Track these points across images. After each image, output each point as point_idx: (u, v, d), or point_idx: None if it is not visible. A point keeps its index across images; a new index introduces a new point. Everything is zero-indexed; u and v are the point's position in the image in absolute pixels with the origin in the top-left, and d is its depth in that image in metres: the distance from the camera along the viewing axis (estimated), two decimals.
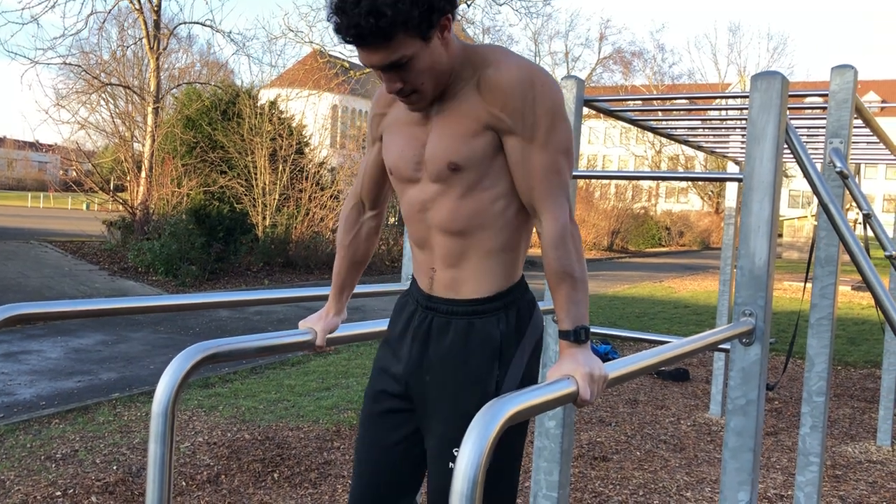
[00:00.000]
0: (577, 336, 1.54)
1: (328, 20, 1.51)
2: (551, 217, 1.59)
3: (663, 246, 38.55)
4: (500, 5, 26.00)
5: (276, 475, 4.47)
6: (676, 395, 6.99)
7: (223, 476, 4.41)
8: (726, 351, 2.39)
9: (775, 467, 5.08)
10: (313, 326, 1.90)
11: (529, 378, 1.77)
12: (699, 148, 5.64)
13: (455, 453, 1.68)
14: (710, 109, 4.53)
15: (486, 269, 1.71)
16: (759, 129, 2.36)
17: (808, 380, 3.42)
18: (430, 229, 1.72)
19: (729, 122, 4.89)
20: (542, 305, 2.62)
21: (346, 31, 1.48)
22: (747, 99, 2.50)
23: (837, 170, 3.24)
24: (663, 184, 51.69)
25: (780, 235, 31.23)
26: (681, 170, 43.99)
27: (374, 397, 1.86)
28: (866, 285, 2.58)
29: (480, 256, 1.70)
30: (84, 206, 33.89)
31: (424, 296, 1.77)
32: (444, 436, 1.70)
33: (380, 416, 1.84)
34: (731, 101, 10.75)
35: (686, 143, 5.41)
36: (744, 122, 4.74)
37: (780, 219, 7.56)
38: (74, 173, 16.42)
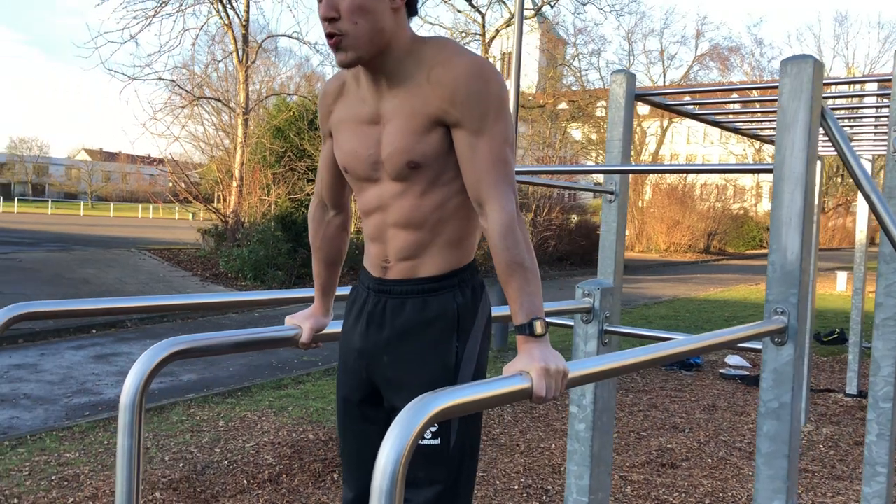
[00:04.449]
0: (532, 329, 1.48)
1: None
2: (498, 207, 1.55)
3: (765, 247, 37.09)
4: (584, 4, 25.63)
5: (335, 475, 4.52)
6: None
7: (284, 475, 4.49)
8: (757, 350, 2.26)
9: (861, 479, 4.79)
10: (300, 324, 1.90)
11: (482, 358, 1.73)
12: (770, 142, 5.38)
13: None
14: (773, 100, 4.31)
15: (443, 255, 1.69)
16: (790, 117, 2.23)
17: (874, 385, 3.20)
18: (386, 225, 1.70)
19: None
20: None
21: None
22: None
23: None
24: (765, 183, 49.78)
25: None
26: (712, 162, 42.12)
27: (344, 400, 1.84)
28: None
29: (438, 247, 1.68)
30: (191, 216, 35.43)
31: (376, 280, 1.74)
32: None
33: (351, 420, 1.83)
34: None
35: (756, 137, 5.18)
36: None
37: None
38: (181, 184, 17.13)
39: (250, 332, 1.70)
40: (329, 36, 1.57)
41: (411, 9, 1.64)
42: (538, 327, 1.47)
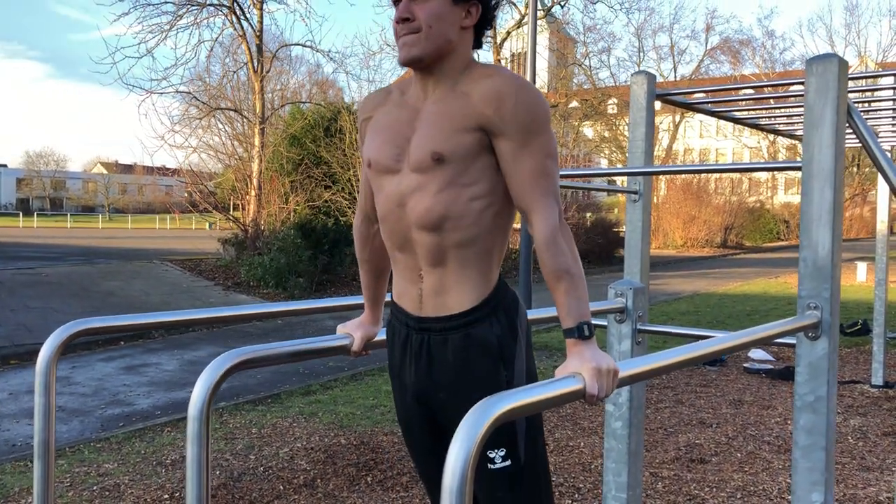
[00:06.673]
0: (580, 332, 1.54)
1: None
2: (541, 218, 1.63)
3: (782, 240, 36.93)
4: (595, 3, 25.62)
5: (369, 479, 4.59)
6: (785, 395, 6.70)
7: (319, 480, 4.56)
8: (792, 345, 2.30)
9: (891, 469, 4.80)
10: (352, 332, 1.97)
11: (530, 370, 1.81)
12: (792, 136, 5.41)
13: (489, 454, 1.73)
14: (794, 96, 4.34)
15: (467, 276, 1.74)
16: (817, 115, 2.28)
17: None
18: (409, 227, 1.75)
19: None
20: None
21: None
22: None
23: None
24: (780, 176, 49.54)
25: None
26: (731, 160, 41.88)
27: (407, 428, 1.94)
28: None
29: (459, 256, 1.72)
30: (207, 226, 35.78)
31: (414, 318, 1.81)
32: None
33: (421, 441, 1.92)
34: None
35: (776, 132, 5.21)
36: None
37: None
38: (198, 195, 17.28)
39: (305, 341, 1.78)
40: (400, 32, 1.69)
41: (477, 38, 1.77)
42: (586, 330, 1.53)
